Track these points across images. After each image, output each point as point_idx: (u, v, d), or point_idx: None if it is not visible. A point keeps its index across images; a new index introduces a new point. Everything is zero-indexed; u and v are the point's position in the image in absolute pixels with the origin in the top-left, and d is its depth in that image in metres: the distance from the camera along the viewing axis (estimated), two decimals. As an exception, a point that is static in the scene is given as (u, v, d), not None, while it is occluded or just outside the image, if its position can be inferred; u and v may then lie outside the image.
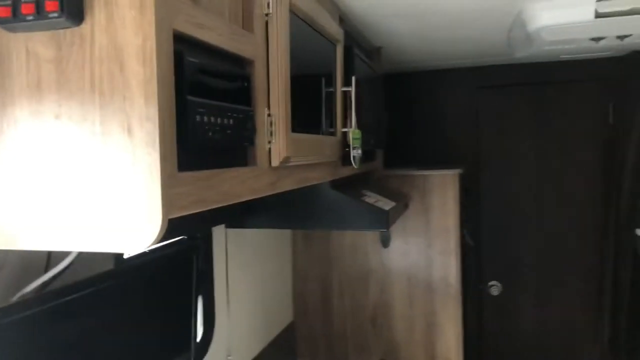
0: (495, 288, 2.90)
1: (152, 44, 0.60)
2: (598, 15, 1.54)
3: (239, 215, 1.55)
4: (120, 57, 0.61)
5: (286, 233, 2.31)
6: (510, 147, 2.87)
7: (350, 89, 1.45)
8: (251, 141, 0.91)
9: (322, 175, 1.39)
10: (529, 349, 2.91)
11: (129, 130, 0.61)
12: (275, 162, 0.99)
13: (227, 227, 1.66)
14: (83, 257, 0.91)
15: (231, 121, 0.82)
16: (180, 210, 0.67)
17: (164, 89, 0.62)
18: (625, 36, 1.75)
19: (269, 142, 0.98)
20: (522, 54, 2.16)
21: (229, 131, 0.82)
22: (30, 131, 0.65)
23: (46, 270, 0.92)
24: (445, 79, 2.91)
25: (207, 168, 0.77)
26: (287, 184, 1.11)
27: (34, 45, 0.64)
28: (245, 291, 1.88)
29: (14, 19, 0.61)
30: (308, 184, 1.28)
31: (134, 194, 0.62)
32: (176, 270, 1.17)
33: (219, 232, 1.63)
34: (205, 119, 0.74)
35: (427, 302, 2.21)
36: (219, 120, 0.78)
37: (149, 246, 0.62)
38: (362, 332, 2.28)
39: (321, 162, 1.36)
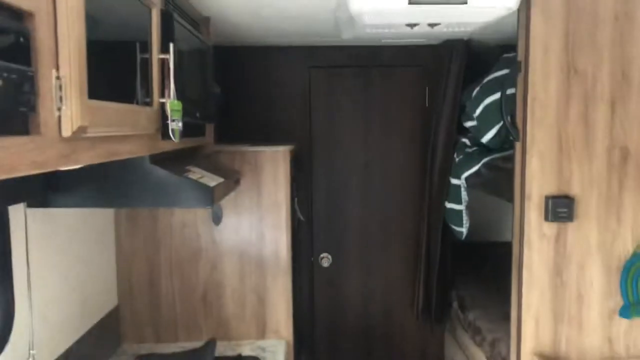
0: (325, 260, 3.03)
1: None
2: (411, 2, 1.64)
3: (40, 192, 1.38)
4: None
5: (108, 212, 2.14)
6: (340, 125, 3.00)
7: (167, 56, 1.36)
8: (31, 107, 0.79)
9: (136, 148, 1.29)
10: (355, 316, 3.11)
11: None
12: (66, 132, 0.88)
13: (28, 206, 1.47)
14: None
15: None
16: None
17: None
18: (436, 24, 1.90)
19: (59, 109, 0.86)
20: (347, 35, 2.24)
21: (-4, 94, 0.70)
22: None
23: None
24: (278, 57, 2.93)
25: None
26: (88, 158, 1.00)
27: None
28: (56, 277, 1.70)
29: None
30: (118, 158, 1.17)
31: None
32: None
33: (17, 213, 1.44)
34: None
35: (258, 277, 2.22)
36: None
37: None
38: (192, 312, 2.22)
39: (135, 134, 1.26)
